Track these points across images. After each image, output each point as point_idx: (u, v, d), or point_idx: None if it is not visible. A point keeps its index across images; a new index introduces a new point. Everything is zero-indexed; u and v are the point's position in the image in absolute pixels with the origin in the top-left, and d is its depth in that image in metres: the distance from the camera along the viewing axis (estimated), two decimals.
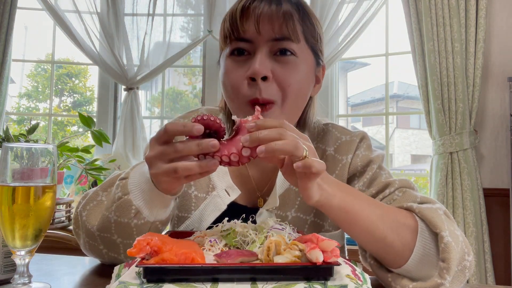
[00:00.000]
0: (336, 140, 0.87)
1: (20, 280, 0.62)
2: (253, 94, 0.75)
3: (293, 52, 0.76)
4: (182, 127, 0.59)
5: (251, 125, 0.58)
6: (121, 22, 2.53)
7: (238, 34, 0.76)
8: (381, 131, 6.93)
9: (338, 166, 0.85)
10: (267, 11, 0.75)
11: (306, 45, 0.79)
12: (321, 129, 0.90)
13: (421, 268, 0.65)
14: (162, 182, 0.64)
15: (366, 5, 2.27)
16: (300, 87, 0.78)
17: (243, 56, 0.77)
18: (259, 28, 0.75)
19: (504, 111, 2.08)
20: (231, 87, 0.78)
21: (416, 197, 0.73)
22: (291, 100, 0.77)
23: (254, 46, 0.76)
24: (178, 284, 0.52)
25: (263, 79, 0.74)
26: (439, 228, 0.64)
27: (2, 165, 0.62)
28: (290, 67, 0.76)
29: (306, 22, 0.79)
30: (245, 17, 0.76)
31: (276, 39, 0.75)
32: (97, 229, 0.74)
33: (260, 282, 0.53)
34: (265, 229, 0.65)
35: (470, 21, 2.02)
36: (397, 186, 0.76)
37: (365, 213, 0.64)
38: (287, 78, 0.76)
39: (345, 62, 4.23)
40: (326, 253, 0.53)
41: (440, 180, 2.03)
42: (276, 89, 0.75)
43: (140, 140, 2.50)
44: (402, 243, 0.65)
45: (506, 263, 2.00)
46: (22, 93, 5.47)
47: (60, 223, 1.84)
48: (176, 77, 5.30)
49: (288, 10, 0.76)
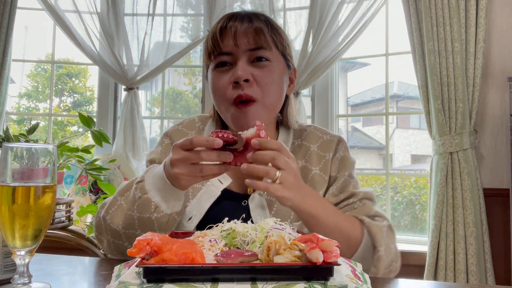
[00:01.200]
0: (318, 138, 1.02)
1: (20, 280, 0.62)
2: (236, 93, 0.90)
3: (268, 58, 0.92)
4: (205, 141, 0.73)
5: (256, 142, 0.73)
6: (121, 22, 2.53)
7: (220, 49, 0.92)
8: (381, 131, 6.92)
9: (322, 161, 1.00)
10: (241, 28, 0.91)
11: (277, 51, 0.95)
12: (304, 129, 1.05)
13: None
14: (182, 180, 0.77)
15: (366, 5, 2.27)
16: (276, 86, 0.93)
17: (226, 67, 0.93)
18: (237, 42, 0.91)
19: (504, 111, 2.08)
20: (219, 92, 0.93)
21: (371, 211, 0.92)
22: (270, 97, 0.92)
23: (234, 57, 0.92)
24: (178, 284, 0.52)
25: (245, 81, 0.89)
26: (378, 243, 0.86)
27: (2, 165, 0.62)
28: (267, 70, 0.92)
29: (275, 33, 0.95)
30: (224, 35, 0.92)
31: (252, 49, 0.91)
32: (122, 227, 0.86)
33: (260, 282, 0.53)
34: (265, 229, 0.65)
35: (470, 21, 2.02)
36: (360, 197, 0.95)
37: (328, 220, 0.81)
38: (265, 79, 0.91)
39: (345, 62, 4.22)
40: (326, 253, 0.53)
41: (440, 180, 2.02)
42: (256, 89, 0.90)
43: (140, 140, 2.50)
44: (348, 247, 0.85)
45: (506, 263, 2.00)
46: (22, 93, 5.47)
47: (60, 223, 1.84)
48: (176, 77, 5.30)
49: (259, 26, 0.92)
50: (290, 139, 1.03)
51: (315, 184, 0.96)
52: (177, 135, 1.04)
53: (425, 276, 2.00)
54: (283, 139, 1.03)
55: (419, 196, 2.67)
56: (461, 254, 1.94)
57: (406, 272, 2.10)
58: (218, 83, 0.93)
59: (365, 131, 7.89)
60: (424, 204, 2.59)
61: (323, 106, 2.51)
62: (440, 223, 2.01)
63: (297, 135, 1.04)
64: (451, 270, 1.96)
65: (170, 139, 1.04)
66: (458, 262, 1.95)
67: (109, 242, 0.90)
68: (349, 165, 0.99)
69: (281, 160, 0.73)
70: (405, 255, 2.16)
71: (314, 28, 2.31)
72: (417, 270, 2.07)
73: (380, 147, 7.31)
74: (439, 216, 2.01)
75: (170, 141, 1.03)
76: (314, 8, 2.31)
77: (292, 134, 1.04)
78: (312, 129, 1.04)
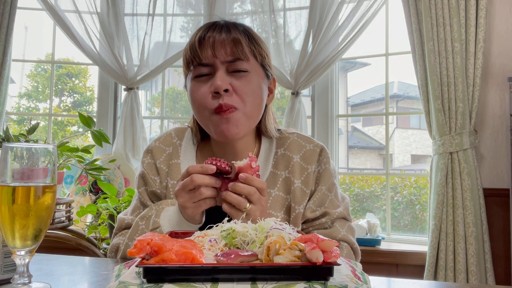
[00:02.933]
0: (301, 148, 1.02)
1: (20, 280, 0.62)
2: (217, 103, 0.91)
3: (245, 70, 0.93)
4: (200, 168, 0.81)
5: (242, 177, 0.81)
6: (121, 22, 2.53)
7: (199, 60, 0.93)
8: (381, 131, 6.93)
9: (304, 173, 1.00)
10: (219, 38, 0.92)
11: (256, 62, 0.96)
12: (287, 137, 1.04)
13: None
14: (187, 209, 0.83)
15: (366, 5, 2.27)
16: (255, 96, 0.94)
17: (205, 77, 0.94)
18: (215, 53, 0.92)
19: (504, 111, 2.08)
20: (198, 102, 0.94)
21: (338, 234, 0.96)
22: (250, 106, 0.93)
23: (213, 68, 0.93)
24: (178, 284, 0.52)
25: (224, 91, 0.90)
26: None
27: (2, 165, 0.62)
28: (245, 80, 0.93)
29: (253, 43, 0.96)
30: (202, 46, 0.93)
31: (229, 61, 0.92)
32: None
33: (260, 282, 0.53)
34: (265, 229, 0.65)
35: (470, 21, 2.02)
36: (333, 218, 0.98)
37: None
38: (244, 88, 0.92)
39: (345, 62, 4.23)
40: (326, 253, 0.53)
41: (440, 180, 2.03)
42: (236, 98, 0.92)
43: (140, 140, 2.50)
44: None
45: (506, 263, 2.00)
46: (22, 93, 5.47)
47: (60, 223, 1.84)
48: (176, 77, 5.30)
49: (237, 37, 0.93)
50: (273, 149, 1.03)
51: (296, 198, 0.98)
52: (156, 153, 1.05)
53: (425, 276, 2.00)
54: (265, 149, 1.03)
55: (419, 196, 2.67)
56: (461, 254, 1.94)
57: (406, 272, 2.11)
58: (198, 93, 0.94)
59: (365, 131, 7.89)
60: (424, 204, 2.59)
61: (323, 106, 2.51)
62: (440, 223, 2.01)
63: (279, 144, 1.04)
64: (451, 270, 1.96)
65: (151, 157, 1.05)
66: (458, 262, 1.95)
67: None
68: (327, 177, 1.01)
69: (255, 197, 0.81)
70: (405, 255, 2.18)
71: (314, 28, 2.31)
72: (417, 270, 2.07)
73: (380, 147, 7.31)
74: (439, 216, 2.01)
75: (152, 160, 1.05)
76: (314, 8, 2.31)
77: (274, 143, 1.04)
78: (296, 137, 1.04)
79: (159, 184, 1.03)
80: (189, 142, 1.07)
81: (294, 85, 2.34)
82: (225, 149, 1.00)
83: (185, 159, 1.04)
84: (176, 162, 1.03)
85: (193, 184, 0.81)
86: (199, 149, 1.06)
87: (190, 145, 1.06)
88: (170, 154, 1.05)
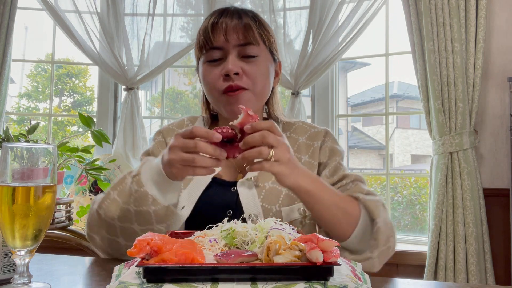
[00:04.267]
0: (306, 131, 1.09)
1: (20, 280, 0.62)
2: (227, 84, 0.96)
3: (255, 55, 0.98)
4: (205, 133, 0.73)
5: (248, 127, 0.74)
6: (121, 22, 2.53)
7: (211, 43, 0.98)
8: (381, 131, 6.92)
9: (310, 149, 1.05)
10: (231, 24, 0.97)
11: (265, 46, 1.02)
12: (293, 123, 1.11)
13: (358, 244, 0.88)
14: (174, 168, 0.77)
15: (366, 5, 2.27)
16: (264, 77, 1.00)
17: (217, 62, 0.98)
18: (227, 37, 0.96)
19: (504, 111, 2.08)
20: (209, 84, 0.99)
21: (363, 190, 0.94)
22: (260, 87, 0.99)
23: (225, 52, 0.97)
24: (178, 284, 0.52)
25: (235, 74, 0.95)
26: (375, 215, 0.87)
27: (2, 165, 0.62)
28: (255, 64, 0.98)
29: (262, 29, 1.01)
30: (215, 30, 0.97)
31: (241, 44, 0.97)
32: (118, 220, 0.85)
33: (260, 282, 0.53)
34: (265, 229, 0.65)
35: (470, 21, 2.02)
36: (352, 179, 0.98)
37: (325, 198, 0.84)
38: (254, 72, 0.97)
39: (345, 62, 4.23)
40: (326, 253, 0.53)
41: (440, 180, 2.03)
42: (246, 80, 0.97)
43: (140, 140, 2.50)
44: (348, 222, 0.87)
45: (506, 263, 2.00)
46: (22, 93, 5.47)
47: (60, 223, 1.84)
48: (176, 77, 5.30)
49: (248, 22, 0.98)
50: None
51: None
52: (168, 133, 1.09)
53: (425, 276, 2.00)
54: None
55: (419, 196, 2.67)
56: (461, 254, 1.94)
57: (406, 272, 2.11)
58: (210, 76, 0.98)
59: (365, 131, 7.89)
60: (424, 204, 2.59)
61: (323, 106, 2.51)
62: (440, 223, 2.01)
63: (285, 128, 1.10)
64: (451, 270, 1.96)
65: (162, 137, 1.09)
66: (458, 262, 1.95)
67: (103, 238, 0.90)
68: (338, 154, 1.04)
69: (270, 138, 0.74)
70: (405, 255, 2.18)
71: (314, 28, 2.31)
72: (417, 270, 2.07)
73: (380, 147, 7.31)
74: (439, 216, 2.01)
75: (163, 138, 1.09)
76: (314, 8, 2.31)
77: (281, 126, 1.09)
78: (300, 123, 1.11)
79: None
80: (200, 124, 1.12)
81: (294, 85, 2.34)
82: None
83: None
84: None
85: (194, 149, 0.74)
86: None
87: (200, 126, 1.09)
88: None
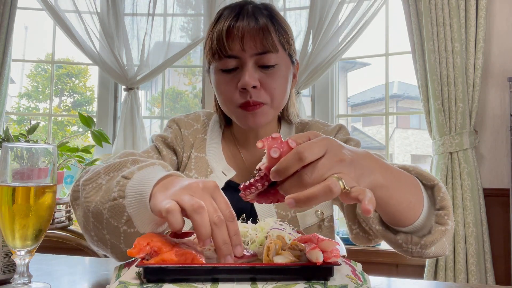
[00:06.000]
0: (320, 129, 1.02)
1: (20, 280, 0.62)
2: (244, 99, 0.88)
3: (274, 64, 0.89)
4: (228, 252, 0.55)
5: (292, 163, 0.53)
6: (121, 22, 2.53)
7: (226, 52, 0.88)
8: (381, 131, 6.93)
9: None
10: (248, 29, 0.87)
11: (283, 51, 0.93)
12: (307, 123, 1.05)
13: (425, 221, 0.70)
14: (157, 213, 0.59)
15: (366, 5, 2.27)
16: (283, 88, 0.93)
17: (232, 72, 0.90)
18: (244, 46, 0.87)
19: (504, 111, 2.08)
20: (224, 96, 0.91)
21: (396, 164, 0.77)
22: (278, 100, 0.92)
23: (241, 61, 0.89)
24: (178, 284, 0.52)
25: (252, 87, 0.87)
26: (434, 180, 0.72)
27: (2, 165, 0.62)
28: (274, 74, 0.90)
29: (281, 31, 0.92)
30: (230, 37, 0.88)
31: (258, 53, 0.88)
32: (92, 215, 0.70)
33: (260, 282, 0.53)
34: (265, 229, 0.65)
35: (470, 21, 2.02)
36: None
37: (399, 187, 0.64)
38: (273, 84, 0.89)
39: (345, 62, 4.23)
40: (326, 253, 0.53)
41: (440, 180, 2.02)
42: (264, 94, 0.89)
43: (140, 140, 2.50)
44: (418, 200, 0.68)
45: (506, 263, 2.00)
46: (22, 93, 5.47)
47: (60, 223, 1.84)
48: (176, 77, 5.30)
49: (265, 25, 0.88)
50: (292, 133, 1.04)
51: None
52: (183, 124, 1.02)
53: (425, 276, 2.00)
54: (284, 132, 1.04)
55: None
56: (461, 254, 1.95)
57: (406, 272, 2.11)
58: (224, 88, 0.90)
59: (365, 131, 7.90)
60: None
61: (323, 106, 2.51)
62: None
63: (299, 129, 1.04)
64: (451, 270, 1.96)
65: (178, 126, 1.02)
66: (458, 262, 1.95)
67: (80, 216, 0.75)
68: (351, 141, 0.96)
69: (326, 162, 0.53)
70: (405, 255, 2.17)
71: (314, 28, 2.31)
72: (417, 270, 2.07)
73: (380, 147, 7.32)
74: None
75: (178, 127, 1.02)
76: (314, 8, 2.31)
77: (294, 128, 1.04)
78: (315, 122, 1.05)
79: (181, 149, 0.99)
80: (216, 124, 1.05)
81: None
82: (247, 134, 1.00)
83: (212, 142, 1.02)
84: (203, 137, 1.02)
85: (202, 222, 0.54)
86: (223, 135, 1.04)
87: (216, 127, 1.05)
88: (197, 129, 1.03)
